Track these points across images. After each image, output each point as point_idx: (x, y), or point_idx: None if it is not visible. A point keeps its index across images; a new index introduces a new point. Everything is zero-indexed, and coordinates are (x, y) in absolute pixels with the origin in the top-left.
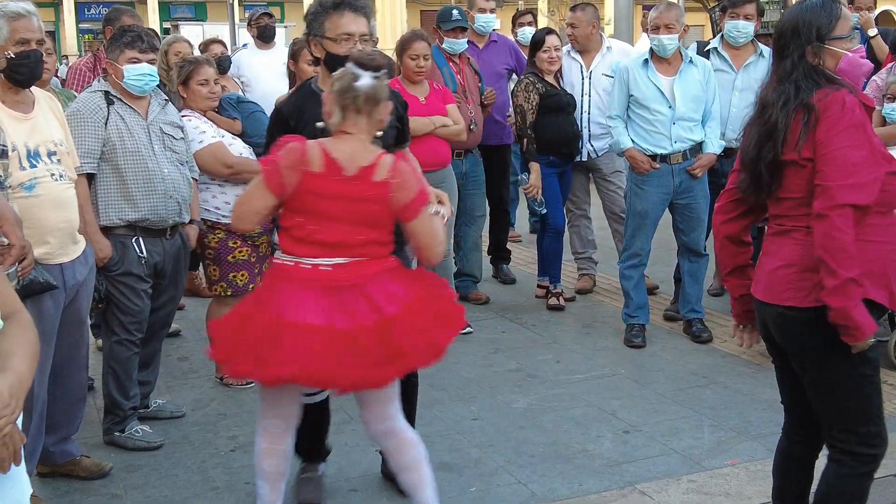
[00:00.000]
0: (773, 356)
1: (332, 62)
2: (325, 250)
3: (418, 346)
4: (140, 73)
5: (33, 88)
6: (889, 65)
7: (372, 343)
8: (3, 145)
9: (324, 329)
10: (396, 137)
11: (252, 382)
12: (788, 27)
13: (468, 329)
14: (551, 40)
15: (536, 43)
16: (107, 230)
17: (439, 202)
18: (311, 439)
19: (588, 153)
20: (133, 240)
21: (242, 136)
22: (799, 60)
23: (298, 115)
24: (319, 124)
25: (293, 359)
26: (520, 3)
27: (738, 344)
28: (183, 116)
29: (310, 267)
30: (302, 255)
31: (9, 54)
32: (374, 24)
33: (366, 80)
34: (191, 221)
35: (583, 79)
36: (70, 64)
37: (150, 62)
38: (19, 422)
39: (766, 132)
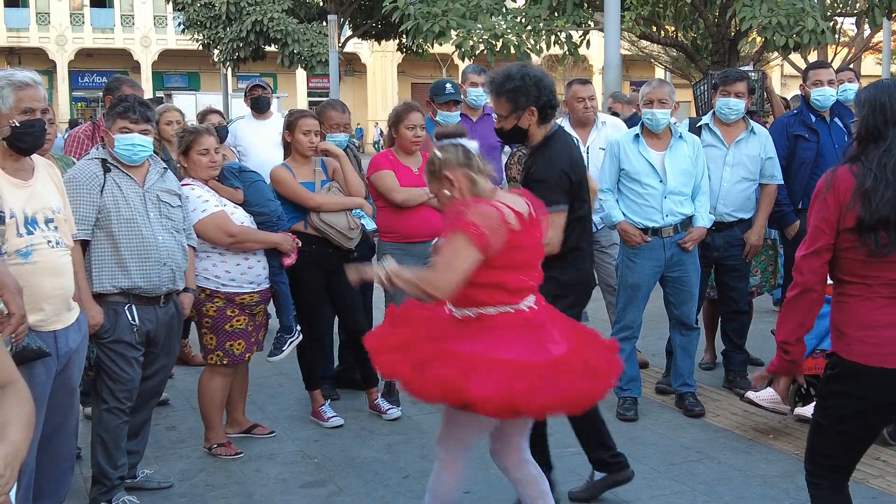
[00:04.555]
0: (871, 426)
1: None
2: (532, 291)
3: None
4: (129, 143)
5: (33, 156)
6: None
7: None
8: (1, 212)
9: (567, 357)
10: None
11: (241, 452)
12: None
13: None
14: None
15: None
16: (99, 297)
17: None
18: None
19: None
20: (125, 307)
21: (244, 205)
22: None
23: (569, 160)
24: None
25: (563, 390)
26: None
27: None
28: (186, 185)
29: (527, 310)
30: (520, 301)
31: (14, 122)
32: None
33: (472, 143)
34: (185, 289)
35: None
36: (69, 131)
37: (143, 132)
38: (12, 493)
39: None
